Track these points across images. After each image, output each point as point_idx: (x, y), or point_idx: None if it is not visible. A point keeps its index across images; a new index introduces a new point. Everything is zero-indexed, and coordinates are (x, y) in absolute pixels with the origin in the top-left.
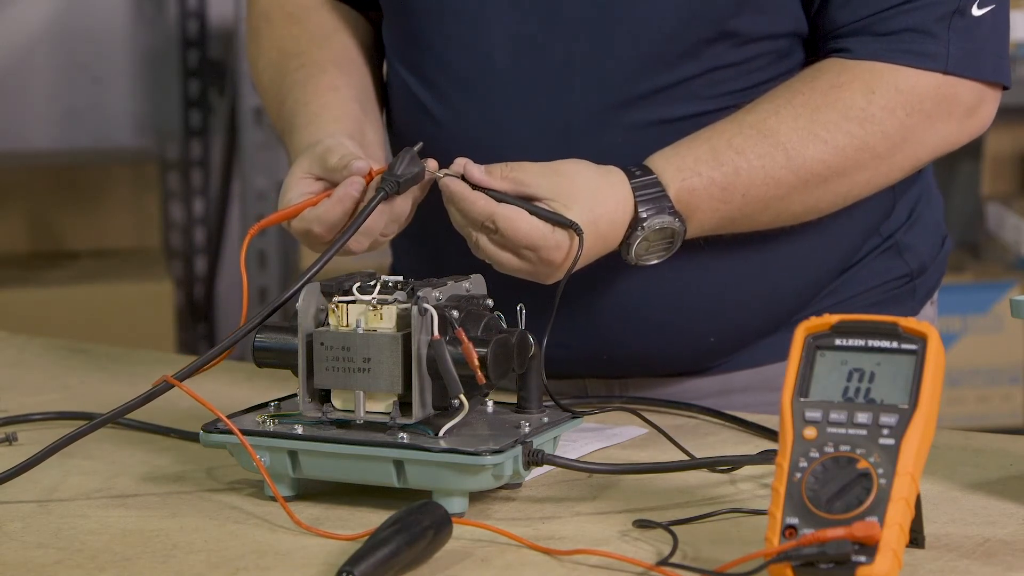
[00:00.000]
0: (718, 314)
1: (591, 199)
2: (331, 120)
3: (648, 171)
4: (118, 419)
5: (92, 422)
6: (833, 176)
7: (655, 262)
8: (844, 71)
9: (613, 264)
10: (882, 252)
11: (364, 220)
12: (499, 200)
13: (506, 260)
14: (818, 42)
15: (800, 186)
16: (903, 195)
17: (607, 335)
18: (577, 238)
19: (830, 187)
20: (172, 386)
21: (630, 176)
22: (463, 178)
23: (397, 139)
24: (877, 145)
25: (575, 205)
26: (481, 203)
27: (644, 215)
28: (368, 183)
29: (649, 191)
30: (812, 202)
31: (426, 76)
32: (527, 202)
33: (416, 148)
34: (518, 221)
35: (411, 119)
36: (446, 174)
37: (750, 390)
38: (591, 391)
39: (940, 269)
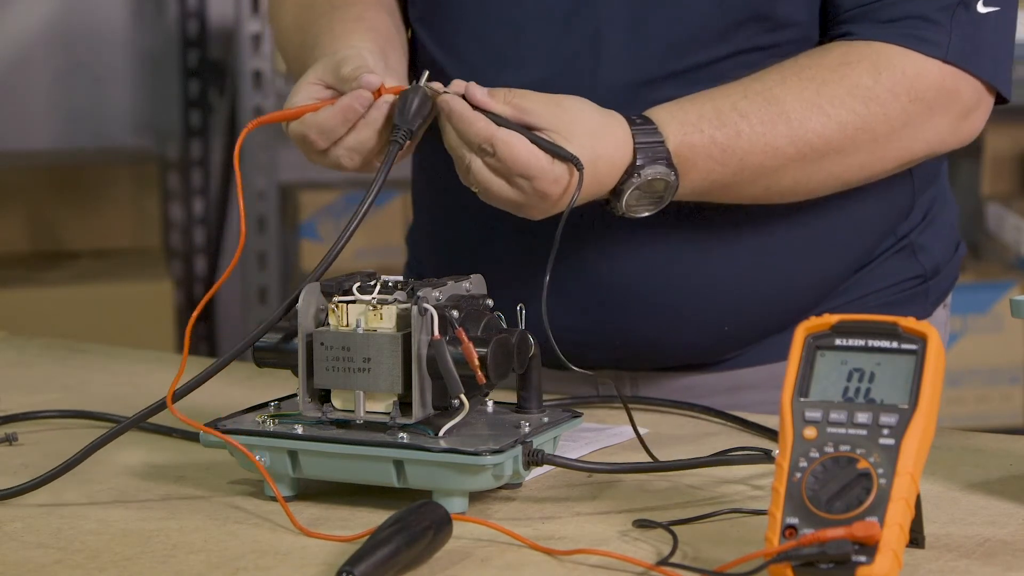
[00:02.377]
0: (733, 303)
1: (592, 137)
2: (357, 40)
3: (648, 121)
4: (140, 423)
5: (118, 426)
6: (830, 153)
7: (643, 215)
8: (851, 51)
9: (628, 246)
10: (896, 252)
11: (380, 186)
12: (499, 124)
13: (497, 187)
14: (824, 27)
15: (797, 159)
16: (919, 196)
17: (620, 318)
18: (576, 173)
19: (824, 165)
20: (182, 396)
21: (631, 123)
22: (464, 98)
23: None
24: (877, 127)
25: (576, 140)
26: (480, 124)
27: (640, 162)
28: (376, 99)
29: (649, 140)
30: (803, 179)
31: (455, 48)
32: (528, 130)
33: (423, 81)
34: (517, 147)
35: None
36: (445, 91)
37: (761, 387)
38: (600, 384)
39: (953, 272)
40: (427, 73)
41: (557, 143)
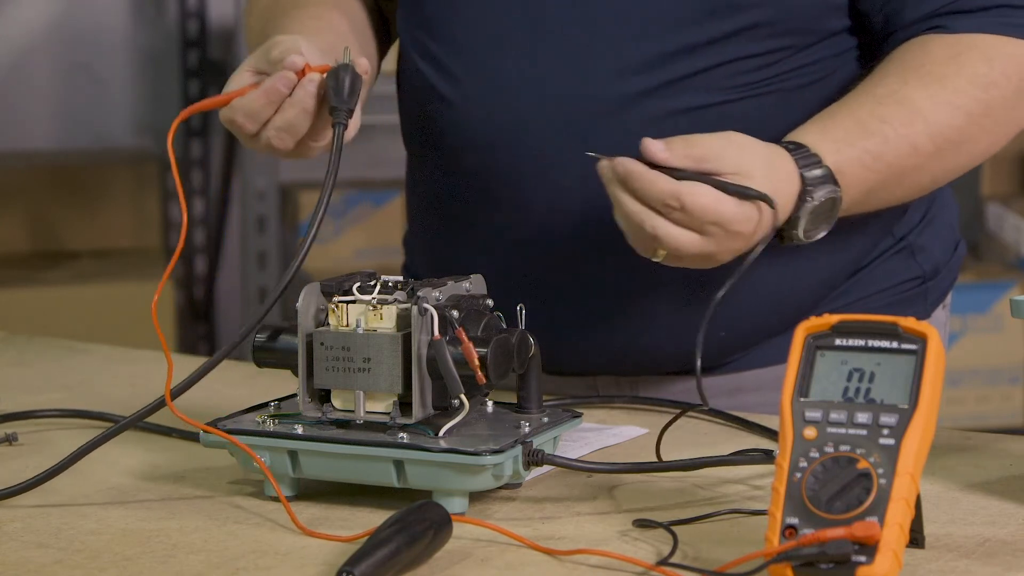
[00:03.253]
0: (729, 309)
1: (768, 171)
2: (309, 36)
3: (800, 146)
4: (137, 423)
5: (116, 425)
6: (964, 142)
7: (820, 236)
8: (953, 43)
9: (624, 255)
10: (895, 254)
11: (336, 168)
12: (679, 178)
13: (688, 242)
14: (894, 29)
15: (936, 154)
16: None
17: (618, 326)
18: (767, 208)
19: (958, 155)
20: (180, 392)
21: (788, 151)
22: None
23: (412, 128)
24: (998, 110)
25: (757, 177)
26: (663, 181)
27: (810, 187)
28: (300, 79)
29: (810, 163)
30: (941, 172)
31: (440, 62)
32: (709, 176)
33: (347, 58)
34: (705, 196)
35: (426, 106)
36: (616, 158)
37: (761, 389)
38: (601, 389)
39: (953, 273)
40: (348, 48)
41: (741, 184)
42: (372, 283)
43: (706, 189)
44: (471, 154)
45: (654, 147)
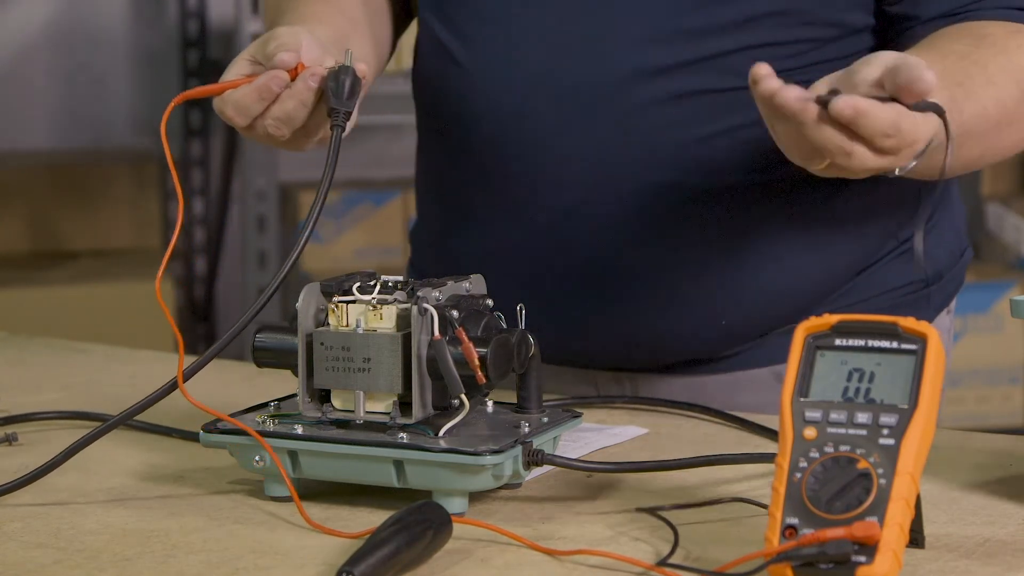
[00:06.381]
0: (732, 296)
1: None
2: (315, 24)
3: None
4: (127, 420)
5: (106, 423)
6: (1013, 123)
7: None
8: (995, 25)
9: (632, 238)
10: (898, 256)
11: (334, 170)
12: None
13: (876, 164)
14: (911, 25)
15: (995, 126)
16: (924, 197)
17: (622, 309)
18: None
19: (1008, 134)
20: (192, 374)
21: None
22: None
23: (426, 92)
24: None
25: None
26: (888, 111)
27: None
28: (293, 78)
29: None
30: (989, 148)
31: (455, 23)
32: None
33: (349, 61)
34: (913, 119)
35: (441, 70)
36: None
37: (758, 389)
38: (601, 386)
39: (958, 278)
40: (351, 51)
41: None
42: (372, 283)
43: (915, 115)
44: (482, 124)
45: (925, 75)
